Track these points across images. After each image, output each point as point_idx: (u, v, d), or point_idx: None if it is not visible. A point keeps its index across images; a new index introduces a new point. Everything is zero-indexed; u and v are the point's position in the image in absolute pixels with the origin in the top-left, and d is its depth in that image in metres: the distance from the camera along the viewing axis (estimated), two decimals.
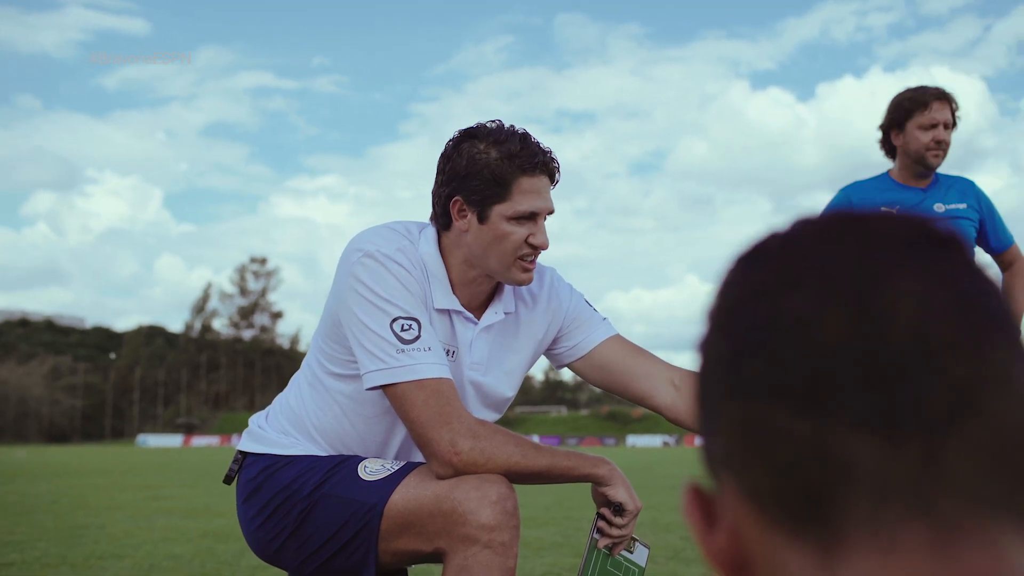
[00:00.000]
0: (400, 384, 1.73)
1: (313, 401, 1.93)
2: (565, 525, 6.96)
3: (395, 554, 1.75)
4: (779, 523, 0.38)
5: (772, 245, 0.42)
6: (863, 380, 0.36)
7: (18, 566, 4.86)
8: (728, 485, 0.40)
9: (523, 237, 1.84)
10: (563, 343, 2.08)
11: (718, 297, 0.43)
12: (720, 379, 0.40)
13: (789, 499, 0.37)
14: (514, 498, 1.70)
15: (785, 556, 0.38)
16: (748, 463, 0.38)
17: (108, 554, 5.36)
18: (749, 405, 0.38)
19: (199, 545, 5.80)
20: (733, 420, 0.39)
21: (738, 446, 0.39)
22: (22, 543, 5.86)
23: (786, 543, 0.38)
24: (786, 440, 0.37)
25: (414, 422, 1.72)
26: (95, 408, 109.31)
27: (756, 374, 0.38)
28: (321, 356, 1.93)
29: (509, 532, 1.67)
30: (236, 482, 1.99)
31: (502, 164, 1.80)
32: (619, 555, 1.89)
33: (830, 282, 0.38)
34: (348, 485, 1.79)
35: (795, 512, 0.37)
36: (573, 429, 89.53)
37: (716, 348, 0.41)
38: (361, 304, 1.77)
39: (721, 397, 0.40)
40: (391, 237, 1.86)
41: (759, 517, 0.39)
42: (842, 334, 0.36)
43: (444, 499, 1.68)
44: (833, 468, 0.36)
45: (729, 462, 0.40)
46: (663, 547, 5.63)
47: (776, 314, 0.38)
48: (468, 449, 1.70)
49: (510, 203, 1.82)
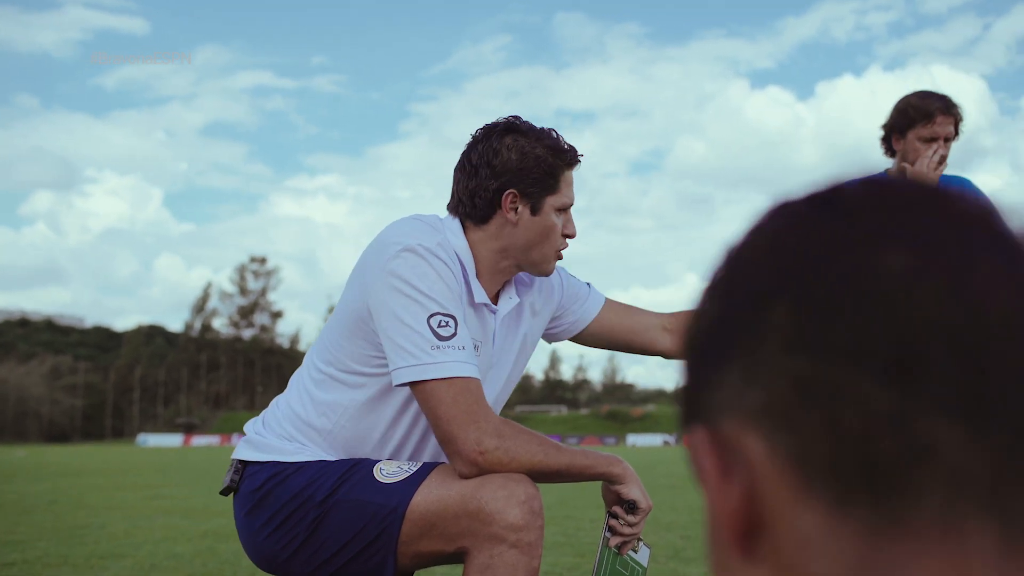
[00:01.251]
0: (430, 381, 1.71)
1: (324, 402, 1.88)
2: (566, 524, 6.96)
3: (415, 556, 1.73)
4: (823, 492, 0.35)
5: (852, 197, 0.38)
6: (957, 362, 0.33)
7: (19, 566, 4.86)
8: (756, 442, 0.37)
9: (560, 229, 1.93)
10: (563, 320, 2.17)
11: (772, 241, 0.39)
12: (775, 329, 0.36)
13: (849, 470, 0.34)
14: (540, 498, 1.69)
15: (817, 527, 0.35)
16: (803, 424, 0.35)
17: (109, 554, 5.36)
18: (822, 365, 0.35)
19: (200, 545, 5.80)
20: (792, 376, 0.36)
21: (792, 404, 0.36)
22: (23, 543, 5.86)
23: (824, 514, 0.35)
24: (863, 408, 0.34)
25: (440, 419, 1.70)
26: (95, 408, 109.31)
27: (836, 333, 0.35)
28: (339, 354, 1.87)
29: (535, 532, 1.66)
30: (235, 493, 1.92)
31: (551, 158, 1.88)
32: (626, 555, 1.89)
33: (927, 250, 0.35)
34: (365, 488, 1.76)
35: (852, 484, 0.34)
36: (573, 428, 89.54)
37: (766, 294, 0.37)
38: (398, 298, 1.73)
39: (777, 349, 0.36)
40: (428, 232, 1.82)
41: (795, 482, 0.36)
42: (940, 309, 0.34)
43: (470, 499, 1.66)
44: (913, 448, 0.33)
45: (770, 419, 0.36)
46: (664, 546, 5.63)
47: (868, 272, 0.35)
48: (493, 448, 1.68)
49: (559, 195, 1.90)
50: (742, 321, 0.38)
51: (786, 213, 0.39)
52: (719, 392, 0.39)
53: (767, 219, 0.40)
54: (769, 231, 0.39)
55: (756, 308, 0.37)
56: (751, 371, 0.37)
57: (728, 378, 0.38)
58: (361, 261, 1.86)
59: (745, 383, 0.37)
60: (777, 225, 0.39)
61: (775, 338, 0.36)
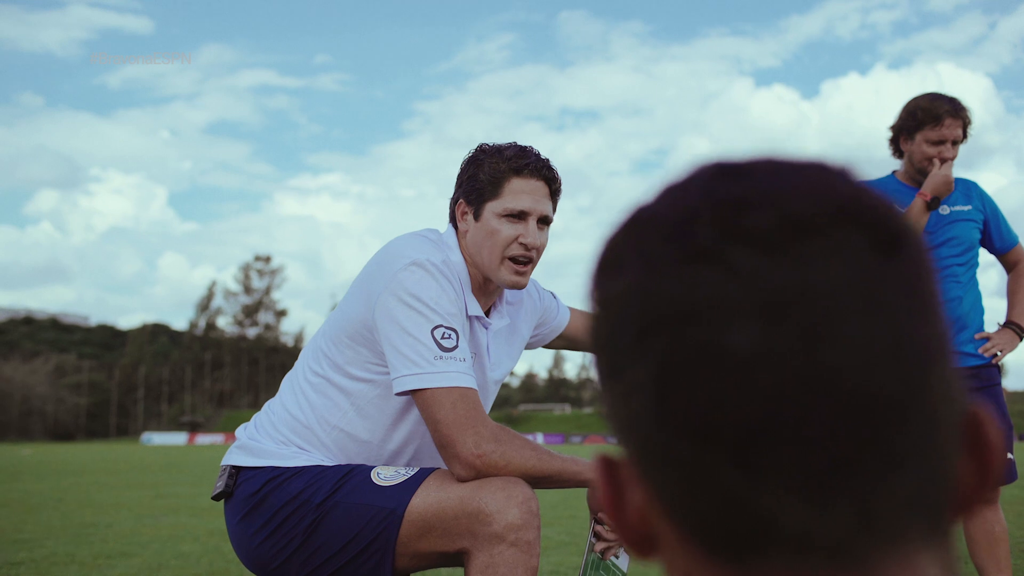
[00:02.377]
0: (432, 389, 1.76)
1: (323, 406, 1.92)
2: (570, 524, 6.98)
3: (413, 557, 1.76)
4: (697, 543, 0.38)
5: (696, 238, 0.37)
6: (802, 438, 0.34)
7: (27, 564, 4.88)
8: (640, 482, 0.40)
9: (512, 236, 1.93)
10: (540, 331, 2.31)
11: (630, 292, 0.38)
12: (643, 404, 0.37)
13: (709, 537, 0.37)
14: (536, 500, 1.73)
15: (696, 566, 0.38)
16: (669, 488, 0.38)
17: (116, 552, 5.39)
18: (678, 443, 0.36)
19: (207, 544, 5.83)
20: (658, 449, 0.37)
21: (660, 467, 0.38)
22: (30, 541, 5.89)
23: (701, 560, 0.38)
24: (714, 487, 0.36)
25: (440, 423, 1.75)
26: (100, 406, 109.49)
27: (689, 412, 0.36)
28: (338, 359, 1.92)
29: (533, 531, 1.70)
30: (228, 499, 1.93)
31: (497, 165, 1.94)
32: (609, 560, 1.94)
33: (778, 314, 0.35)
34: (363, 492, 1.79)
35: (712, 547, 0.37)
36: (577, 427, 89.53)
37: (630, 364, 0.38)
38: (404, 310, 1.80)
39: (648, 424, 0.37)
40: (433, 248, 1.92)
41: (674, 528, 0.38)
42: (787, 384, 0.34)
43: (469, 500, 1.70)
44: (760, 524, 0.35)
45: (646, 470, 0.39)
46: None
47: (714, 349, 0.35)
48: (490, 452, 1.73)
49: (500, 200, 1.93)
50: (618, 364, 0.39)
51: (646, 251, 0.39)
52: (609, 410, 0.41)
53: (635, 236, 0.40)
54: (622, 268, 0.39)
55: (628, 358, 0.38)
56: (627, 420, 0.39)
57: (613, 408, 0.40)
58: (366, 271, 1.90)
59: (628, 434, 0.39)
60: (631, 268, 0.39)
61: (640, 400, 0.37)
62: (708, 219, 0.37)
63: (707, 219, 0.37)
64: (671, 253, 0.37)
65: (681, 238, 0.37)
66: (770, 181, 0.38)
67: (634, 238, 0.39)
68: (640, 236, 0.39)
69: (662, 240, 0.38)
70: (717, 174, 0.39)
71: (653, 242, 0.38)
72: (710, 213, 0.37)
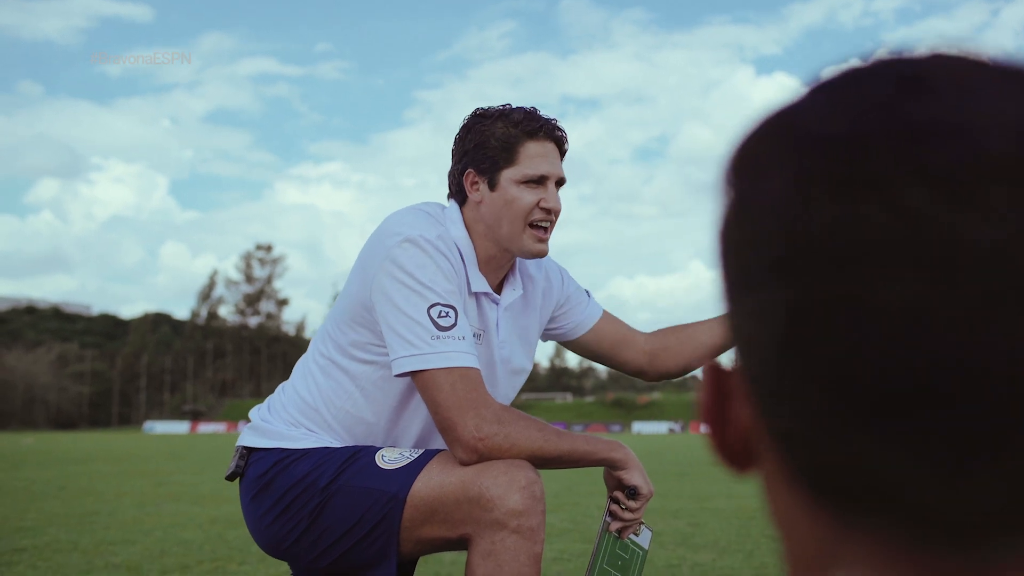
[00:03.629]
0: (430, 370, 1.71)
1: (330, 388, 1.89)
2: (574, 511, 6.97)
3: (418, 542, 1.74)
4: (798, 481, 0.36)
5: (864, 166, 0.32)
6: (960, 411, 0.31)
7: (30, 552, 4.88)
8: (751, 401, 0.37)
9: (533, 202, 1.86)
10: (562, 322, 2.16)
11: (775, 207, 0.34)
12: (774, 332, 0.34)
13: (818, 482, 0.35)
14: (541, 484, 1.69)
15: (793, 502, 0.37)
16: (784, 423, 0.35)
17: (118, 540, 5.38)
18: (805, 385, 0.33)
19: (209, 531, 5.82)
20: (781, 383, 0.34)
21: (776, 400, 0.35)
22: (32, 529, 5.89)
23: (800, 495, 0.36)
24: (837, 439, 0.33)
25: (440, 406, 1.71)
26: (102, 395, 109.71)
27: (825, 358, 0.32)
28: (342, 341, 1.88)
29: (536, 517, 1.66)
30: (241, 479, 1.93)
31: (508, 131, 1.86)
32: (627, 538, 1.90)
33: (951, 271, 0.31)
34: (367, 475, 1.76)
35: (818, 491, 0.35)
36: (578, 415, 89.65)
37: (766, 285, 0.34)
38: (399, 289, 1.75)
39: (774, 355, 0.34)
40: (428, 222, 1.84)
41: (777, 457, 0.37)
42: (953, 351, 0.31)
43: (471, 485, 1.66)
44: (880, 487, 0.33)
45: (762, 396, 0.36)
46: (671, 532, 5.64)
47: (868, 299, 0.31)
48: (493, 434, 1.69)
49: (518, 167, 1.86)
50: (752, 277, 0.35)
51: (802, 166, 0.34)
52: (731, 313, 0.38)
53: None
54: (786, 183, 0.34)
55: (764, 277, 0.34)
56: (750, 338, 0.36)
57: (736, 316, 0.37)
58: (364, 250, 1.87)
59: (752, 356, 0.36)
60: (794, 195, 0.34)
61: (771, 326, 0.34)
62: (882, 145, 0.32)
63: (880, 145, 0.32)
64: (831, 177, 0.33)
65: (846, 162, 0.32)
66: (965, 104, 0.32)
67: (788, 145, 0.35)
68: (796, 146, 0.34)
69: (822, 157, 0.33)
70: (897, 86, 0.34)
71: (811, 157, 0.33)
72: (884, 138, 0.32)
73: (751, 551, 4.93)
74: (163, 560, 4.63)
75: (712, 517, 6.64)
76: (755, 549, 5.00)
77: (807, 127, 0.34)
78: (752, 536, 5.56)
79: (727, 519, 6.52)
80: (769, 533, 5.68)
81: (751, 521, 6.38)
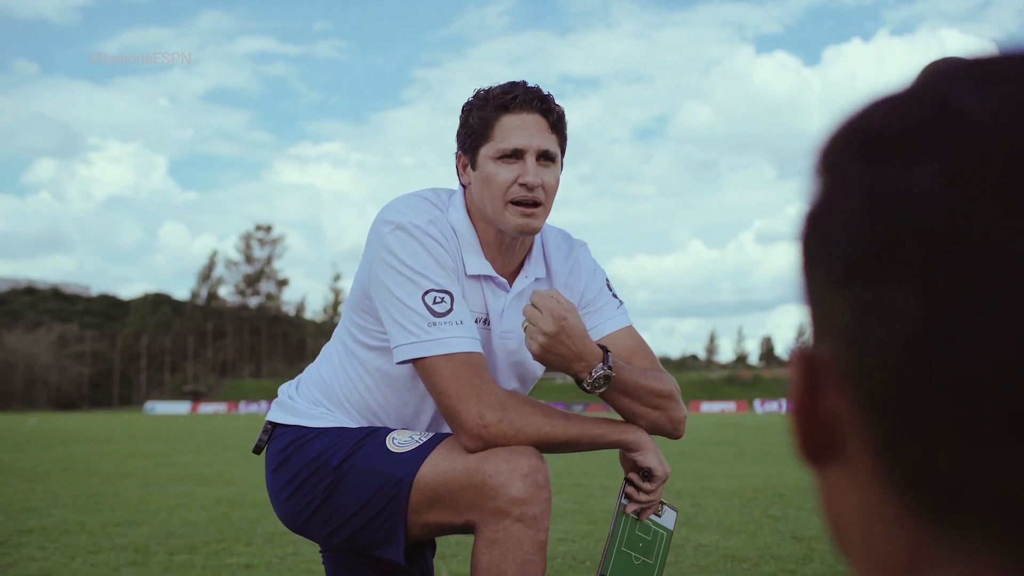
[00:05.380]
0: (430, 358, 1.72)
1: (344, 372, 1.92)
2: (576, 492, 7.01)
3: (425, 526, 1.75)
4: (897, 487, 0.34)
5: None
6: None
7: (37, 532, 4.91)
8: (848, 396, 0.35)
9: (511, 178, 1.80)
10: (583, 318, 2.01)
11: (929, 197, 0.31)
12: (897, 332, 0.32)
13: (926, 493, 0.33)
14: (545, 470, 1.69)
15: (887, 507, 0.35)
16: (894, 426, 0.33)
17: (124, 521, 5.42)
18: (929, 396, 0.31)
19: (214, 512, 5.85)
20: (900, 387, 0.32)
21: (888, 401, 0.33)
22: (39, 510, 5.92)
23: (894, 500, 0.34)
24: (964, 452, 0.31)
25: (442, 394, 1.71)
26: (102, 375, 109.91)
27: (961, 370, 0.30)
28: (352, 327, 1.91)
29: (540, 505, 1.65)
30: (266, 452, 1.99)
31: (484, 107, 1.83)
32: (647, 519, 1.88)
33: None
34: (376, 457, 1.78)
35: (922, 504, 0.33)
36: (578, 395, 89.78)
37: (891, 279, 0.32)
38: (393, 277, 1.75)
39: (893, 355, 0.32)
40: (422, 207, 1.84)
41: (872, 458, 0.35)
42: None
43: (474, 472, 1.67)
44: (1010, 505, 0.31)
45: (867, 394, 0.34)
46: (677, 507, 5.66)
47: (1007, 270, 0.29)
48: (497, 421, 1.68)
49: (492, 143, 1.81)
50: (870, 266, 0.33)
51: (964, 160, 0.31)
52: (823, 298, 0.36)
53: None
54: (942, 174, 0.31)
55: (892, 270, 0.32)
56: (856, 332, 0.34)
57: (832, 303, 0.35)
58: (367, 237, 1.88)
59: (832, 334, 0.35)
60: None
61: (893, 325, 0.32)
62: None
63: None
64: (1002, 178, 0.30)
65: (1015, 161, 0.30)
66: None
67: (946, 133, 0.31)
68: (958, 138, 0.31)
69: (992, 154, 0.30)
70: None
71: (977, 152, 0.30)
72: None
73: (754, 531, 4.96)
74: (169, 542, 4.66)
75: (714, 497, 6.67)
76: (758, 530, 5.03)
77: (970, 119, 0.31)
78: (755, 516, 5.59)
79: (729, 499, 6.55)
80: (772, 514, 5.71)
81: (753, 501, 6.41)
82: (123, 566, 4.00)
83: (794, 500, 6.47)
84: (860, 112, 0.35)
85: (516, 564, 1.64)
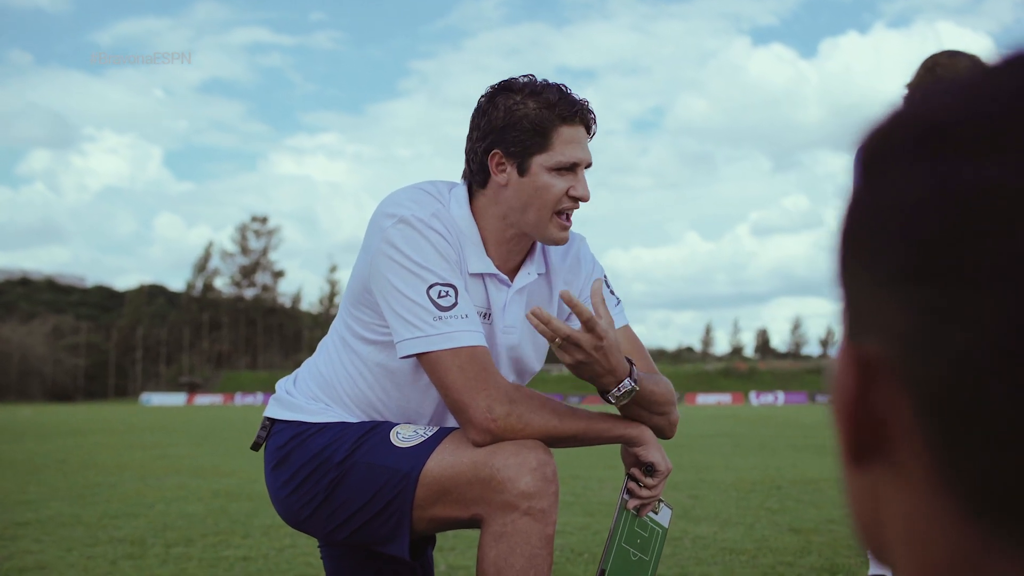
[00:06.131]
0: (436, 352, 1.70)
1: (343, 367, 1.90)
2: (574, 484, 7.01)
3: (431, 521, 1.74)
4: (953, 497, 0.33)
5: None
6: None
7: (33, 525, 4.89)
8: (907, 400, 0.33)
9: (563, 189, 1.80)
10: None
11: (1014, 197, 0.29)
12: (974, 343, 0.30)
13: (988, 503, 0.32)
14: (553, 464, 1.68)
15: (937, 512, 0.33)
16: (961, 437, 0.31)
17: (121, 513, 5.40)
18: (1012, 407, 0.30)
19: (211, 504, 5.84)
20: (975, 399, 0.30)
21: (959, 410, 0.31)
22: (35, 502, 5.90)
23: (948, 506, 0.33)
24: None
25: (449, 388, 1.70)
26: (98, 367, 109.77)
27: None
28: (351, 321, 1.89)
29: (548, 499, 1.65)
30: (264, 448, 1.96)
31: (541, 113, 1.77)
32: (645, 516, 1.88)
33: None
34: (381, 452, 1.76)
35: (981, 511, 0.32)
36: (574, 387, 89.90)
37: (970, 284, 0.30)
38: (396, 271, 1.73)
39: (967, 366, 0.30)
40: (425, 200, 1.81)
41: (927, 465, 0.33)
42: None
43: (482, 466, 1.66)
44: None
45: (932, 402, 0.32)
46: (672, 505, 5.66)
47: None
48: (505, 415, 1.67)
49: (550, 153, 1.78)
50: (946, 268, 0.31)
51: None
52: (882, 292, 0.34)
53: None
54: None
55: (977, 276, 0.30)
56: (922, 332, 0.32)
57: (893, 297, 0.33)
58: (366, 231, 1.85)
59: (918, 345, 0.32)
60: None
61: (969, 334, 0.30)
62: None
63: None
64: None
65: None
66: None
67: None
68: None
69: None
70: None
71: None
72: None
73: (752, 524, 4.96)
74: (166, 534, 4.64)
75: (711, 489, 6.67)
76: (755, 522, 5.03)
77: None
78: (752, 508, 5.59)
79: (726, 491, 6.56)
80: (769, 506, 5.72)
81: (750, 494, 6.42)
82: (120, 559, 3.98)
83: (791, 492, 6.47)
84: (915, 104, 0.33)
85: (524, 558, 1.63)
